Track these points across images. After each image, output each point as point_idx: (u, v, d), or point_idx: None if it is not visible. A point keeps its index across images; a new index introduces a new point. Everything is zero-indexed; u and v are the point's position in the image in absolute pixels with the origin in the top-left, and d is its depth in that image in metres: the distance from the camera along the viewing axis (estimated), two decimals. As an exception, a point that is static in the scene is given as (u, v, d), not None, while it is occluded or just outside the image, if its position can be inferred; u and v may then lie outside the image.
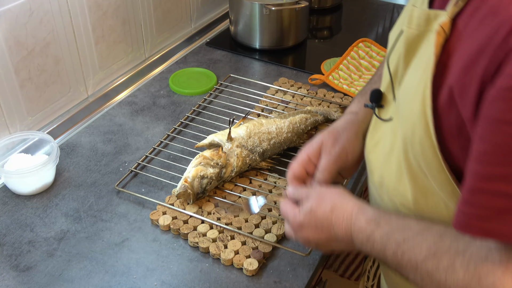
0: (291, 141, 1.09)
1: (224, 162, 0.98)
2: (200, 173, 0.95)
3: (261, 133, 1.05)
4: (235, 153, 1.00)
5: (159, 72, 1.41)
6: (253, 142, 1.03)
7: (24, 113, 1.10)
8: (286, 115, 1.13)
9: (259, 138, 1.04)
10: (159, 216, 0.95)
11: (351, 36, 1.65)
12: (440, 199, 0.64)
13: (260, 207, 0.88)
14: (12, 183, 1.00)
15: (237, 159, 1.00)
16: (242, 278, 0.86)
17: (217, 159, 0.98)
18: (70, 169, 1.08)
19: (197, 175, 0.95)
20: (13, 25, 1.02)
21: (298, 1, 1.45)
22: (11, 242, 0.92)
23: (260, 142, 1.04)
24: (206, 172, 0.96)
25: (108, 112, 1.25)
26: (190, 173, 0.95)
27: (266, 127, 1.06)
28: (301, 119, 1.12)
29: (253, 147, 1.03)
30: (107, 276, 0.86)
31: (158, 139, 1.15)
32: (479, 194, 0.53)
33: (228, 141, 1.01)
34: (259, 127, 1.06)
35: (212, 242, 0.90)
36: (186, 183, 0.94)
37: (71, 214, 0.97)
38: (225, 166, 0.98)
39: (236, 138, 1.02)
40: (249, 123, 1.07)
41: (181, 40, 1.53)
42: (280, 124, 1.08)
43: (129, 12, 1.31)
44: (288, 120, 1.10)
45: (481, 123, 0.53)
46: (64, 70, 1.17)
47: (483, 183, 0.53)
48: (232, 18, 1.55)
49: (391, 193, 0.72)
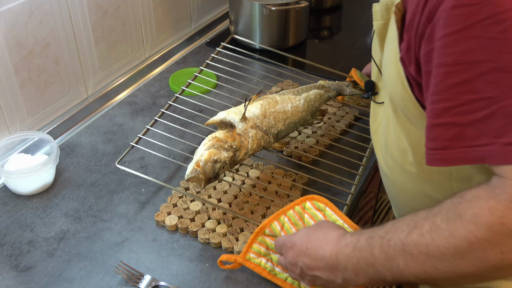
0: (305, 120, 1.04)
1: (238, 145, 0.90)
2: (213, 157, 0.86)
3: (277, 113, 0.97)
4: (250, 135, 0.92)
5: (159, 72, 1.41)
6: (268, 123, 0.95)
7: (24, 113, 1.10)
8: (299, 91, 1.06)
9: (275, 118, 0.96)
10: (164, 217, 0.95)
11: (351, 36, 1.66)
12: None
13: None
14: (12, 183, 1.00)
15: (252, 141, 0.92)
16: (242, 278, 0.86)
17: (231, 141, 0.89)
18: (70, 169, 1.08)
19: (210, 159, 0.86)
20: (13, 25, 1.02)
21: (298, 1, 1.45)
22: (11, 242, 0.92)
23: (275, 122, 0.96)
24: (220, 155, 0.87)
25: (108, 112, 1.25)
26: (203, 157, 0.86)
27: (281, 106, 0.98)
28: (315, 95, 1.07)
29: (268, 128, 0.95)
30: (107, 276, 0.86)
31: (158, 139, 1.15)
32: (434, 129, 0.62)
33: (242, 121, 0.92)
34: (274, 105, 0.97)
35: (223, 237, 0.91)
36: (198, 167, 0.85)
37: (71, 214, 0.97)
38: (238, 149, 0.90)
39: (250, 118, 0.93)
40: (264, 100, 0.98)
41: (181, 40, 1.53)
42: (295, 102, 1.01)
43: (129, 12, 1.31)
44: (303, 98, 1.03)
45: (424, 69, 0.63)
46: (64, 70, 1.17)
47: (434, 119, 0.61)
48: (232, 18, 1.55)
49: (395, 154, 0.82)
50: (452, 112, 0.59)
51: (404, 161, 0.80)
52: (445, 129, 0.60)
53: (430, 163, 0.63)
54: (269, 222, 0.86)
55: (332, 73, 1.36)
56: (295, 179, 1.05)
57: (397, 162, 0.83)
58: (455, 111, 0.59)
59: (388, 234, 0.65)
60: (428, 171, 0.76)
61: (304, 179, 1.04)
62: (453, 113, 0.59)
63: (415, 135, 0.75)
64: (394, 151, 0.82)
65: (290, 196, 1.00)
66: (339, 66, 1.46)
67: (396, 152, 0.82)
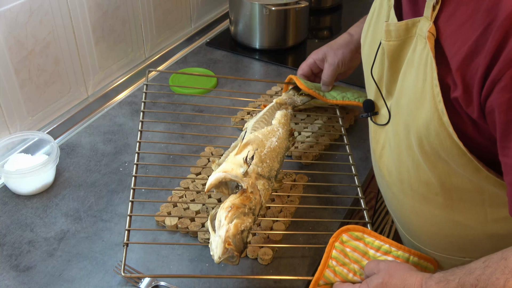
0: (287, 149, 0.98)
1: (255, 204, 0.81)
2: (240, 228, 0.77)
3: (269, 152, 0.89)
4: (259, 188, 0.83)
5: (159, 72, 1.41)
6: (267, 166, 0.87)
7: (24, 113, 1.10)
8: (265, 118, 1.00)
9: (270, 158, 0.88)
10: (164, 217, 0.95)
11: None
12: (464, 177, 0.70)
13: None
14: (12, 183, 1.00)
15: (264, 193, 0.83)
16: (242, 278, 0.86)
17: (248, 203, 0.80)
18: (70, 169, 1.08)
19: (237, 232, 0.76)
20: (13, 25, 1.02)
21: (298, 1, 1.45)
22: (11, 242, 0.92)
23: (272, 163, 0.88)
24: (245, 224, 0.78)
25: (108, 112, 1.25)
26: (230, 232, 0.76)
27: (269, 143, 0.91)
28: (283, 117, 1.01)
29: (269, 172, 0.87)
30: (107, 276, 0.86)
31: (158, 139, 1.15)
32: None
33: (245, 175, 0.83)
34: (263, 145, 0.89)
35: None
36: (229, 246, 0.75)
37: (71, 214, 0.97)
38: (255, 207, 0.82)
39: (250, 169, 0.84)
40: (251, 145, 0.89)
41: (181, 40, 1.53)
42: (276, 133, 0.94)
43: (129, 12, 1.31)
44: (277, 124, 0.97)
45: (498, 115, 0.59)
46: (64, 70, 1.17)
47: None
48: (232, 18, 1.55)
49: (414, 185, 0.78)
50: None
51: (427, 192, 0.77)
52: None
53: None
54: (321, 273, 0.82)
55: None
56: (295, 179, 1.05)
57: (417, 192, 0.79)
58: None
59: (480, 282, 0.62)
60: (458, 200, 0.74)
61: (304, 179, 1.04)
62: None
63: (443, 170, 0.72)
64: (413, 182, 0.79)
65: (290, 196, 1.00)
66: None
67: (416, 184, 0.78)
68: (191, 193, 1.00)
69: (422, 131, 0.70)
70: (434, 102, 0.66)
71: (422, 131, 0.70)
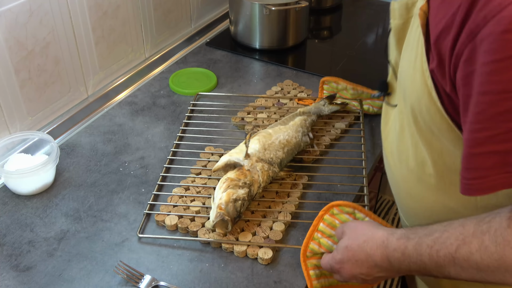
0: (299, 146, 1.08)
1: (251, 180, 0.94)
2: (232, 197, 0.90)
3: (274, 144, 1.03)
4: (258, 168, 0.97)
5: (159, 72, 1.41)
6: (269, 154, 1.00)
7: (24, 113, 1.10)
8: (285, 121, 1.12)
9: (274, 148, 1.02)
10: (164, 217, 0.95)
11: (351, 36, 1.66)
12: (455, 156, 0.70)
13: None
14: (12, 183, 1.00)
15: (262, 174, 0.97)
16: (241, 278, 0.86)
17: (243, 178, 0.94)
18: (70, 169, 1.08)
19: (230, 199, 0.90)
20: (13, 25, 1.02)
21: (298, 1, 1.45)
22: (11, 242, 0.92)
23: (276, 152, 1.01)
24: (238, 194, 0.91)
25: (108, 112, 1.25)
26: (223, 199, 0.90)
27: (275, 137, 1.04)
28: (301, 121, 1.11)
29: (271, 159, 1.00)
30: (107, 276, 0.86)
31: (158, 139, 1.15)
32: (473, 159, 0.60)
33: (246, 158, 0.97)
34: (269, 138, 1.03)
35: (223, 237, 0.91)
36: (221, 210, 0.88)
37: (71, 214, 0.97)
38: (252, 184, 0.95)
39: (253, 154, 0.99)
40: (259, 135, 1.04)
41: (181, 40, 1.53)
42: (286, 132, 1.06)
43: (129, 12, 1.31)
44: (291, 126, 1.09)
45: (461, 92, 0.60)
46: (64, 70, 1.17)
47: (474, 149, 0.60)
48: (232, 18, 1.55)
49: (411, 164, 0.80)
50: (493, 140, 0.58)
51: (422, 173, 0.78)
52: (486, 158, 0.59)
53: (466, 193, 0.63)
54: (306, 246, 0.86)
55: (332, 72, 1.35)
56: (295, 178, 1.05)
57: (413, 172, 0.81)
58: (497, 139, 0.57)
59: (436, 244, 0.65)
60: (449, 183, 0.75)
61: (305, 179, 1.04)
62: (495, 141, 0.57)
63: (436, 147, 0.73)
64: (410, 162, 0.80)
65: (290, 196, 1.00)
66: (339, 66, 1.46)
67: (412, 163, 0.80)
68: (191, 193, 1.00)
69: (416, 107, 0.71)
70: (423, 78, 0.68)
71: (416, 106, 0.72)
